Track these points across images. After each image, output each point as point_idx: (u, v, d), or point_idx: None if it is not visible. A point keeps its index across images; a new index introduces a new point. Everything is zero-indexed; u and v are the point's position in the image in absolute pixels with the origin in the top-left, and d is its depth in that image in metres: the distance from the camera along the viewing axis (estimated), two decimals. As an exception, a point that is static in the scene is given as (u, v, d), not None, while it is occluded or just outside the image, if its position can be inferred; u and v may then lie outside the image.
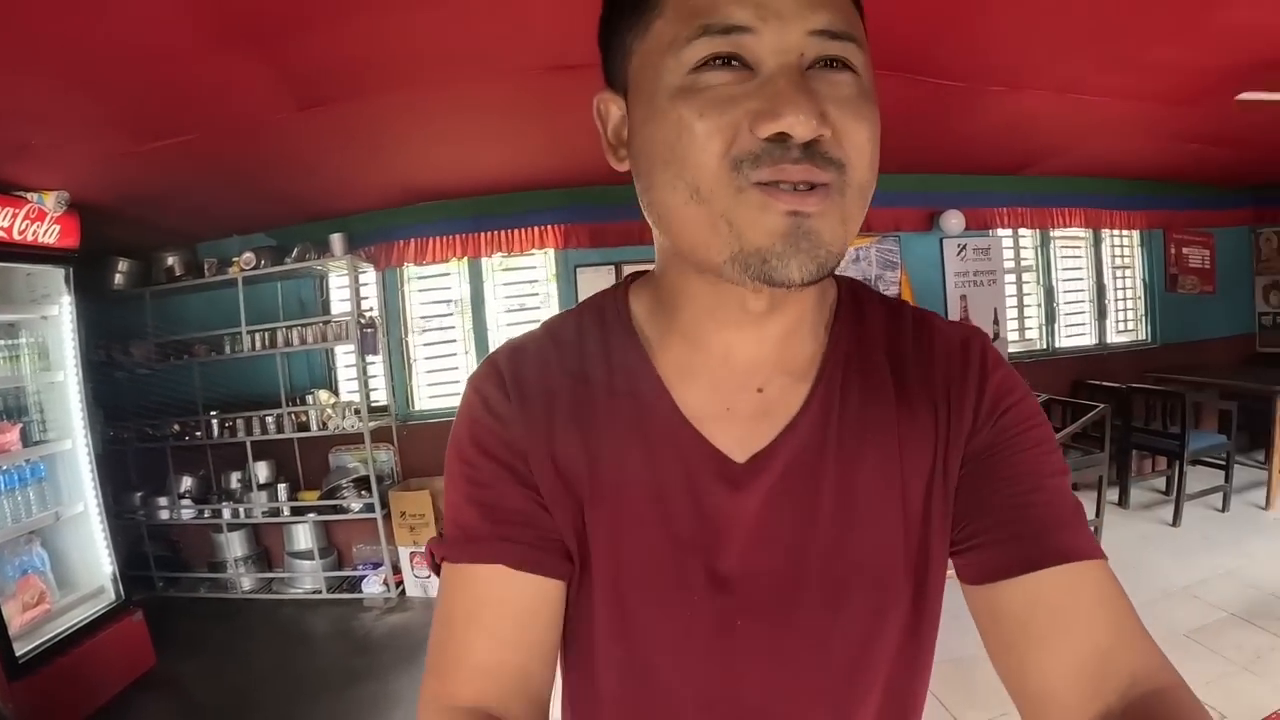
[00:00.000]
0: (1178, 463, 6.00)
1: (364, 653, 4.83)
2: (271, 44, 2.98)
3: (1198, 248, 7.87)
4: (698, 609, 0.78)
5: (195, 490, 5.84)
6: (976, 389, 0.80)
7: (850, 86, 0.65)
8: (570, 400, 0.81)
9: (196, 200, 4.97)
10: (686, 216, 0.67)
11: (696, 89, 0.63)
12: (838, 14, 0.64)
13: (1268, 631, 4.17)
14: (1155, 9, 3.33)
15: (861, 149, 0.65)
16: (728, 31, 0.62)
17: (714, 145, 0.63)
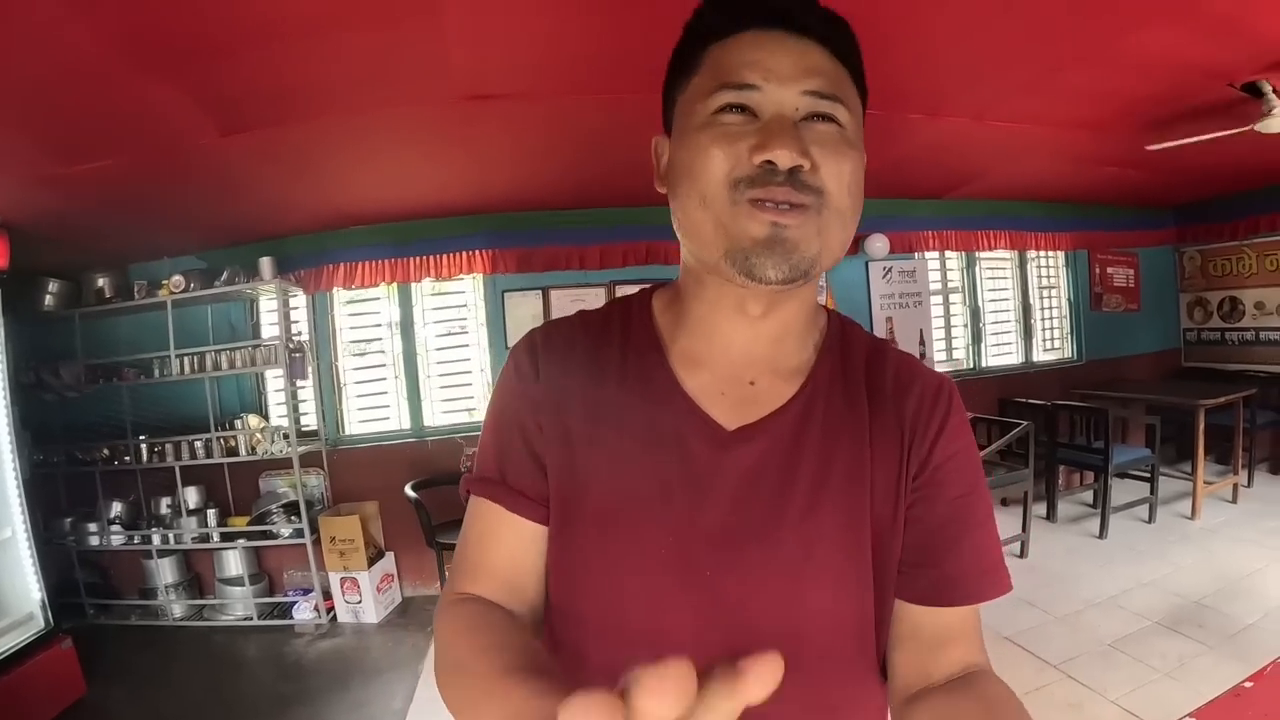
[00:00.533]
0: (1103, 477, 6.10)
1: (295, 679, 4.76)
2: (188, 71, 2.97)
3: (1122, 267, 8.05)
4: (674, 550, 0.89)
5: (125, 515, 5.71)
6: (939, 426, 0.95)
7: (832, 133, 0.84)
8: (587, 368, 0.97)
9: (125, 222, 4.90)
10: (696, 219, 0.85)
11: (714, 125, 0.84)
12: (827, 80, 0.84)
13: (1191, 639, 4.26)
14: (1061, 36, 3.39)
15: (839, 180, 0.83)
16: (740, 88, 0.83)
17: (721, 167, 0.82)
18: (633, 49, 3.20)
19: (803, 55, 0.84)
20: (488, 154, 4.53)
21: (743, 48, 0.85)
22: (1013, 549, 5.79)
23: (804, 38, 0.85)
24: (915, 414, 0.96)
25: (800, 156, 0.80)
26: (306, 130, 3.82)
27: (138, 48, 2.71)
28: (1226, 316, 7.99)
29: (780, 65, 0.83)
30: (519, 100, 3.69)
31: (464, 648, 0.83)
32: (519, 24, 2.93)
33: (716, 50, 0.87)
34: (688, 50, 0.92)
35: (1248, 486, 6.95)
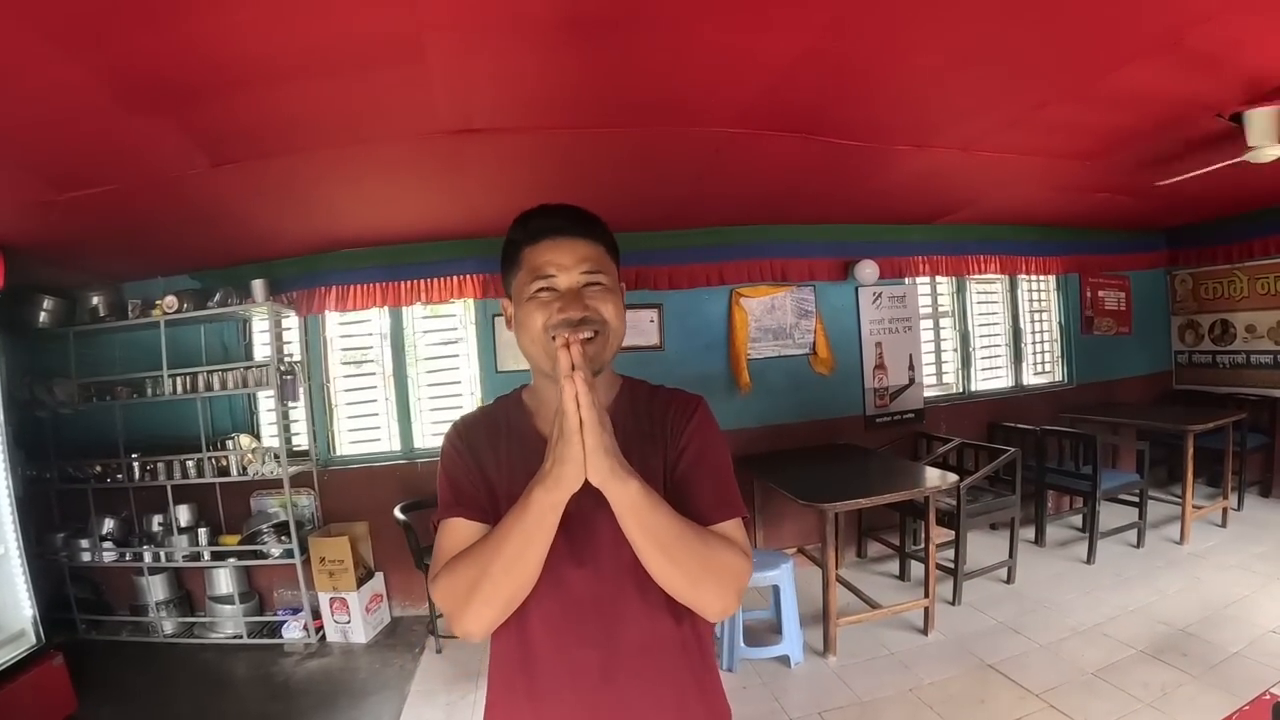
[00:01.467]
0: (1091, 501, 6.07)
1: (282, 698, 4.75)
2: (178, 108, 3.01)
3: (1113, 290, 8.01)
4: (562, 538, 1.37)
5: (117, 532, 5.68)
6: (683, 426, 1.56)
7: (600, 289, 1.47)
8: (489, 435, 1.59)
9: (119, 244, 4.92)
10: (531, 351, 1.49)
11: (534, 299, 1.45)
12: (592, 262, 1.47)
13: (1174, 668, 4.21)
14: (1043, 74, 3.40)
15: (611, 314, 1.47)
16: (545, 277, 1.45)
17: (538, 321, 1.44)
18: (615, 86, 3.27)
19: (575, 250, 1.47)
20: (476, 184, 4.53)
21: (542, 252, 1.47)
22: (999, 575, 5.76)
23: (576, 238, 1.49)
24: (676, 420, 1.57)
25: (583, 310, 1.43)
26: (294, 163, 3.83)
27: (128, 87, 2.75)
28: (1218, 339, 7.93)
29: (565, 260, 1.46)
30: (506, 134, 3.70)
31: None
32: (503, 63, 2.94)
33: (529, 252, 1.49)
34: (512, 251, 1.54)
35: (1238, 510, 6.90)
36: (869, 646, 4.84)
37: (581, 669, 1.46)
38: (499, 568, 1.31)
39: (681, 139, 3.95)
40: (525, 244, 1.50)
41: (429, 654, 5.26)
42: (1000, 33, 2.94)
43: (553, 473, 1.26)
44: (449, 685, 4.76)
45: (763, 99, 3.48)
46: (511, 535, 1.31)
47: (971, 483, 5.57)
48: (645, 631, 1.48)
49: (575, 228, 1.50)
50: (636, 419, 1.57)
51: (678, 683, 1.52)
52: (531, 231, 1.50)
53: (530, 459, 1.40)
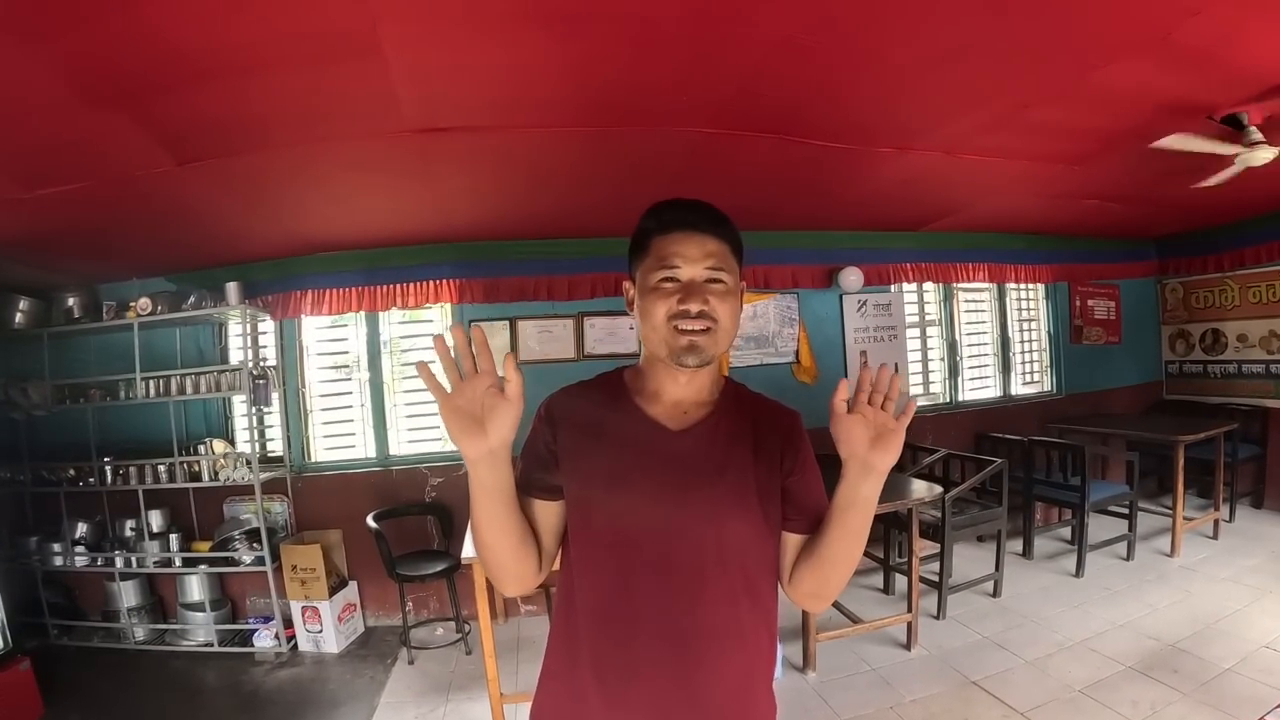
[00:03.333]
0: (1080, 513, 5.92)
1: (251, 708, 4.60)
2: (138, 103, 2.91)
3: (1103, 299, 7.90)
4: (648, 493, 1.49)
5: (89, 537, 5.52)
6: (797, 443, 1.61)
7: (721, 289, 1.50)
8: (586, 412, 1.60)
9: (92, 244, 4.79)
10: (651, 337, 1.53)
11: (658, 288, 1.49)
12: (717, 259, 1.50)
13: (1164, 685, 4.09)
14: (1027, 73, 3.25)
15: (725, 314, 1.50)
16: (670, 267, 1.48)
17: (661, 311, 1.48)
18: (581, 82, 3.13)
19: (702, 245, 1.50)
20: (447, 184, 4.39)
21: (671, 243, 1.49)
22: (985, 588, 5.62)
23: (704, 234, 1.51)
24: (786, 434, 1.60)
25: (703, 304, 1.47)
26: (260, 161, 3.73)
27: (88, 80, 2.67)
28: (1209, 349, 7.82)
29: (691, 253, 1.48)
30: (475, 133, 3.57)
31: None
32: (463, 58, 2.82)
33: (657, 241, 1.51)
34: (642, 238, 1.56)
35: (1229, 522, 6.80)
36: (850, 662, 4.69)
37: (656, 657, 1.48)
38: (478, 542, 1.49)
39: (654, 139, 3.79)
40: (656, 233, 1.53)
41: (401, 665, 5.11)
42: (982, 27, 2.79)
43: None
44: (419, 697, 4.63)
45: (736, 97, 3.33)
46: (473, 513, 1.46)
47: (957, 494, 5.41)
48: (725, 616, 1.52)
49: (704, 223, 1.53)
50: (739, 420, 1.61)
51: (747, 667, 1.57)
52: (663, 222, 1.53)
53: (632, 433, 1.56)
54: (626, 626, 1.47)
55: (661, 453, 1.53)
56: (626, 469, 1.51)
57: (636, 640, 1.47)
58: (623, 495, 1.50)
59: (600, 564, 1.51)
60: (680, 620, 1.47)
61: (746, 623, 1.53)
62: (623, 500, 1.49)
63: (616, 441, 1.55)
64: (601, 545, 1.51)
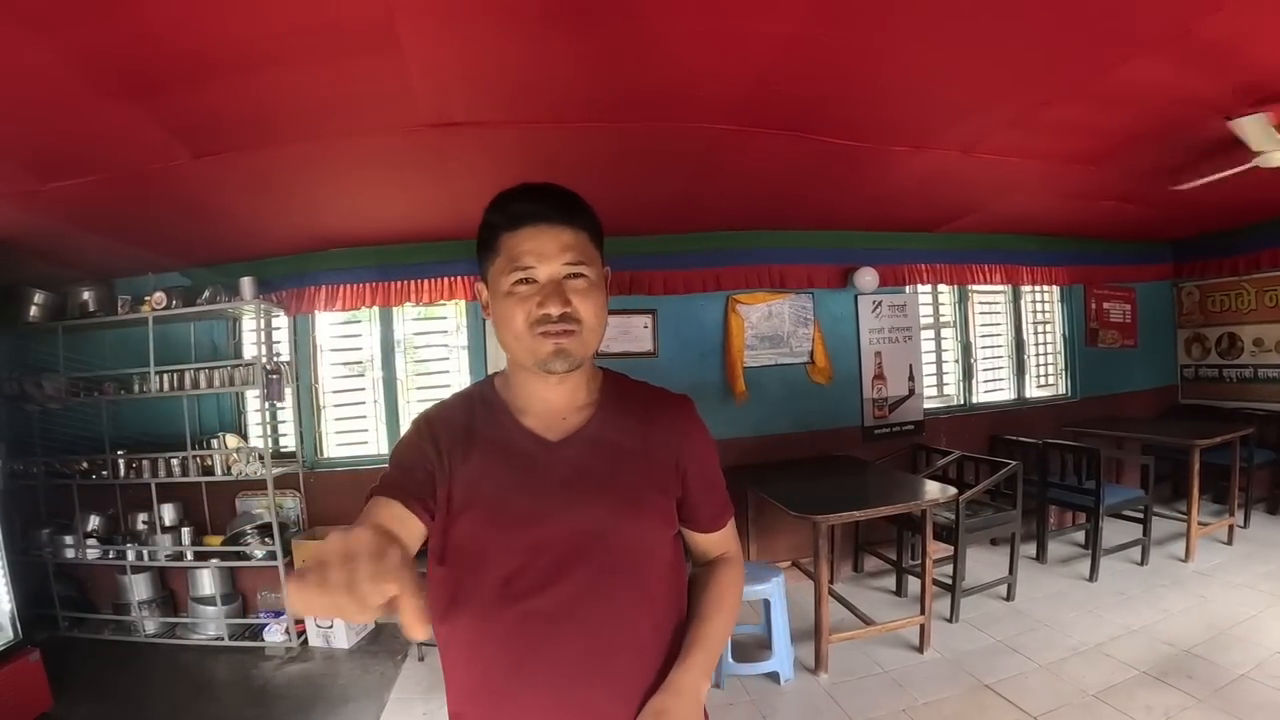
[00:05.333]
0: (1094, 517, 5.84)
1: (260, 703, 4.57)
2: (154, 96, 2.89)
3: (1119, 302, 7.81)
4: (530, 513, 1.39)
5: (102, 530, 5.53)
6: (689, 430, 1.57)
7: (583, 285, 1.38)
8: (463, 429, 1.45)
9: (104, 237, 4.74)
10: (513, 346, 1.41)
11: (514, 294, 1.37)
12: (575, 252, 1.37)
13: (1179, 690, 4.02)
14: (1046, 71, 3.20)
15: (589, 311, 1.39)
16: (524, 269, 1.36)
17: (520, 317, 1.36)
18: (598, 77, 3.09)
19: (558, 238, 1.37)
20: (461, 181, 4.34)
21: (522, 240, 1.36)
22: (999, 592, 5.54)
23: (558, 225, 1.37)
24: (677, 424, 1.55)
25: (564, 306, 1.35)
26: (275, 156, 3.70)
27: (102, 73, 2.65)
28: (1225, 353, 7.72)
29: (546, 249, 1.36)
30: (488, 128, 3.52)
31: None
32: (480, 52, 2.79)
33: (507, 239, 1.38)
34: (489, 236, 1.42)
35: (1244, 528, 6.67)
36: (862, 664, 4.63)
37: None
38: None
39: (670, 136, 3.75)
40: (503, 229, 1.40)
41: (411, 661, 5.07)
42: (1000, 23, 2.74)
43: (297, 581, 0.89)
44: (427, 694, 4.59)
45: (753, 92, 3.28)
46: None
47: (971, 496, 5.34)
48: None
49: (556, 213, 1.39)
50: (624, 417, 1.53)
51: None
52: (511, 216, 1.39)
53: (509, 449, 1.45)
54: (518, 655, 1.36)
55: (543, 469, 1.43)
56: (506, 491, 1.40)
57: (527, 669, 1.35)
58: (505, 519, 1.38)
59: (483, 593, 1.37)
60: (574, 643, 1.35)
61: (644, 633, 1.43)
62: (506, 524, 1.38)
63: (494, 460, 1.43)
64: (484, 572, 1.37)
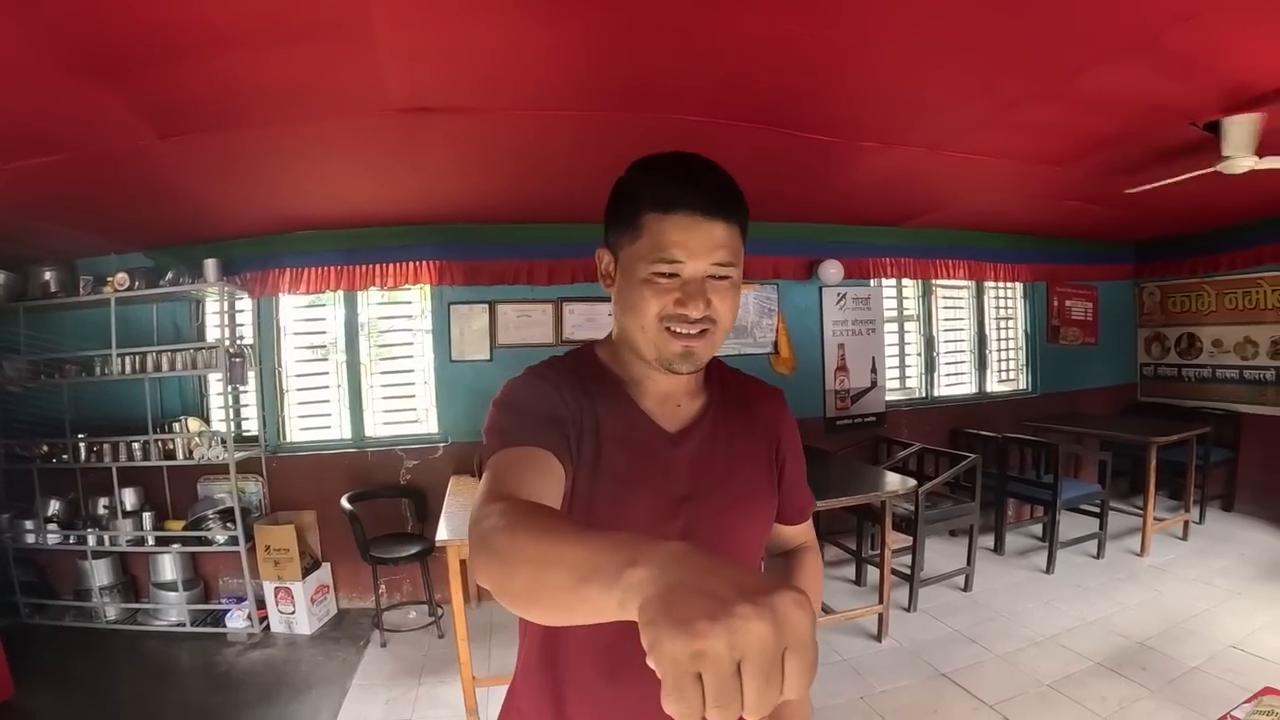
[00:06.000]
0: (1052, 511, 5.90)
1: (222, 689, 4.50)
2: (121, 75, 2.80)
3: (1081, 300, 7.88)
4: (657, 509, 1.30)
5: (63, 514, 5.41)
6: (785, 423, 1.52)
7: (726, 285, 1.25)
8: (582, 390, 1.32)
9: (70, 218, 4.67)
10: (636, 336, 1.28)
11: (651, 281, 1.23)
12: (726, 251, 1.23)
13: (1132, 681, 4.09)
14: (1015, 71, 3.20)
15: (727, 312, 1.26)
16: (671, 262, 1.21)
17: (653, 310, 1.23)
18: (572, 66, 3.05)
19: (711, 234, 1.21)
20: (431, 166, 4.30)
21: (672, 228, 1.21)
22: (956, 582, 5.58)
23: (714, 219, 1.22)
24: (776, 420, 1.50)
25: (706, 309, 1.23)
26: (242, 137, 3.63)
27: (68, 50, 2.57)
28: (1184, 353, 7.81)
29: (697, 245, 1.21)
30: (461, 114, 3.48)
31: (538, 517, 0.94)
32: (457, 39, 2.74)
33: (654, 220, 1.22)
34: (632, 209, 1.26)
35: (1199, 524, 6.79)
36: (821, 652, 4.50)
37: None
38: (521, 586, 0.87)
39: (642, 126, 3.68)
40: (650, 208, 1.23)
41: (374, 647, 5.01)
42: (972, 23, 2.73)
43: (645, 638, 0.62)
44: (391, 680, 4.55)
45: (727, 86, 3.27)
46: (550, 580, 0.81)
47: (931, 488, 5.36)
48: None
49: (716, 207, 1.23)
50: (734, 412, 1.45)
51: None
52: (665, 199, 1.22)
53: (629, 433, 1.34)
54: (619, 656, 1.26)
55: (663, 467, 1.33)
56: (631, 477, 1.30)
57: (629, 672, 1.22)
58: (627, 507, 1.29)
59: None
60: None
61: None
62: (627, 512, 1.28)
63: (615, 440, 1.31)
64: None
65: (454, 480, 5.32)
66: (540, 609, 0.87)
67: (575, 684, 1.33)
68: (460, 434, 5.77)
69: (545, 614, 0.88)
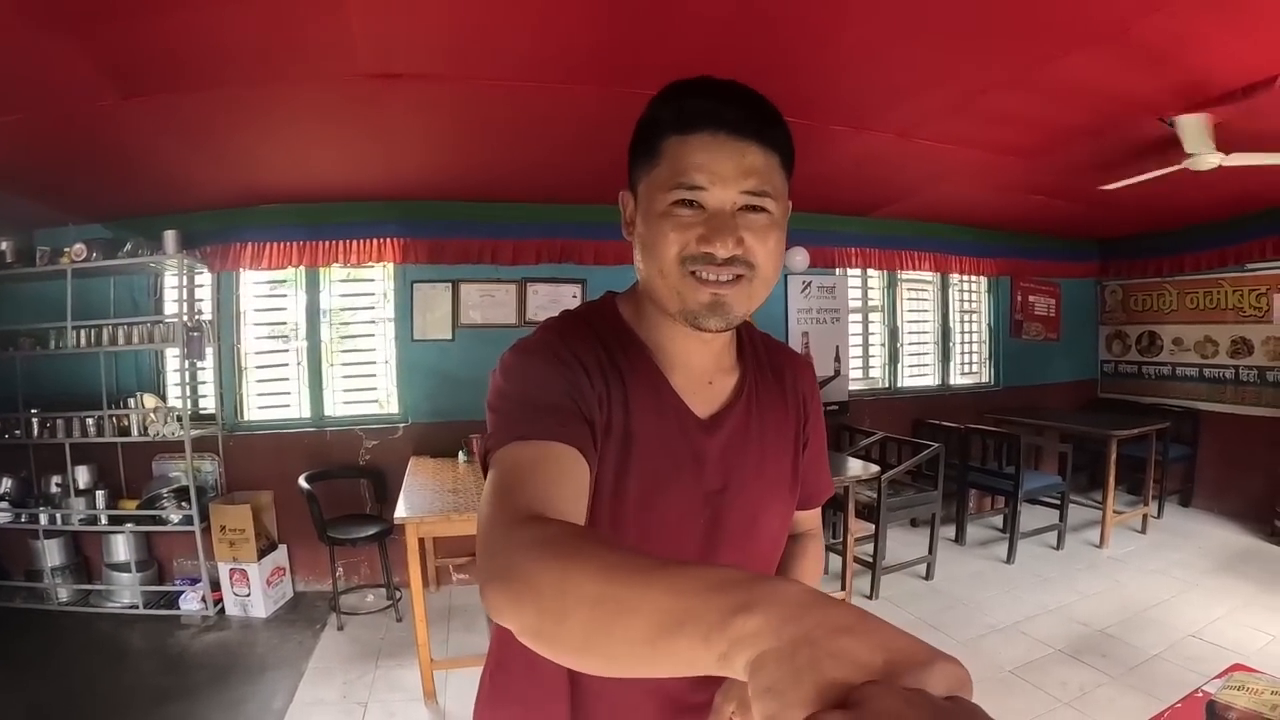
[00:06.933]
0: (1013, 502, 5.90)
1: (175, 672, 4.37)
2: (84, 28, 2.69)
3: (1044, 296, 7.93)
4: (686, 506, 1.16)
5: (14, 492, 5.20)
6: (812, 394, 1.38)
7: (762, 221, 1.05)
8: (609, 363, 1.14)
9: (25, 183, 4.53)
10: (657, 284, 1.09)
11: (671, 215, 1.04)
12: (759, 179, 1.03)
13: (1093, 668, 4.11)
14: (983, 57, 3.20)
15: (766, 257, 1.06)
16: (692, 188, 1.02)
17: (674, 249, 1.04)
18: (542, 37, 2.98)
19: (741, 158, 1.02)
20: (397, 137, 4.21)
21: (694, 150, 1.02)
22: (918, 571, 5.56)
23: (744, 139, 1.02)
24: (806, 397, 1.35)
25: (735, 247, 1.02)
26: (206, 99, 3.50)
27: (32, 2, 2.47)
28: (1145, 350, 7.87)
29: (723, 169, 1.01)
30: (429, 81, 3.40)
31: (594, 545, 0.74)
32: (429, 4, 2.69)
33: (674, 144, 1.04)
34: (650, 133, 1.08)
35: (1157, 518, 6.83)
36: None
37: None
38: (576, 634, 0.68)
39: (609, 101, 3.58)
40: (671, 129, 1.04)
41: (330, 631, 4.89)
42: (941, 6, 2.71)
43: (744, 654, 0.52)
44: (347, 664, 4.44)
45: (695, 63, 3.12)
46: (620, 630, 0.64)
47: (893, 475, 5.34)
48: None
49: (747, 122, 1.02)
50: (769, 390, 1.29)
51: None
52: (683, 114, 1.04)
53: (658, 418, 1.15)
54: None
55: (695, 452, 1.16)
56: (661, 474, 1.13)
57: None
58: (653, 507, 1.13)
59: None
60: None
61: None
62: (653, 512, 1.13)
63: (645, 431, 1.13)
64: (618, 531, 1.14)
65: (414, 461, 5.22)
66: (600, 660, 0.69)
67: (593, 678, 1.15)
68: (421, 414, 5.67)
69: (606, 666, 0.69)
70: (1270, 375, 6.73)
